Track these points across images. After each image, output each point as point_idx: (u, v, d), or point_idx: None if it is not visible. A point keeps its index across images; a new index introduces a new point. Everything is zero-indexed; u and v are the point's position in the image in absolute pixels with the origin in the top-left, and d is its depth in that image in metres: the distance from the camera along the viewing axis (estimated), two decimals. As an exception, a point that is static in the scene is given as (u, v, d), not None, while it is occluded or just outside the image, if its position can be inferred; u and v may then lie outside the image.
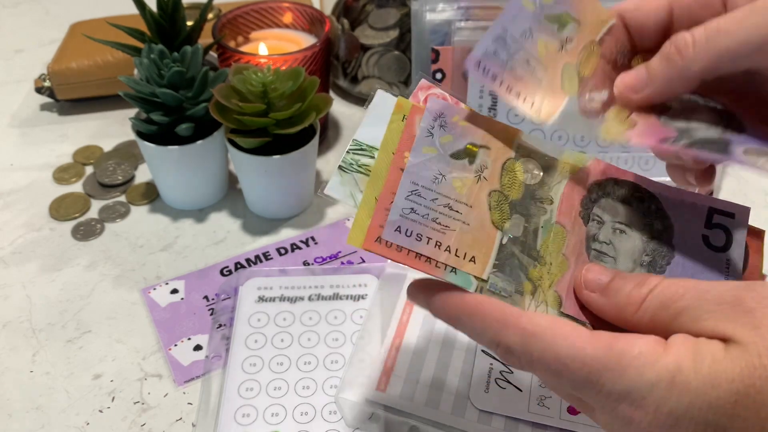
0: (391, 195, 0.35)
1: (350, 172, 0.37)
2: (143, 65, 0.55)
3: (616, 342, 0.29)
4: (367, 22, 0.69)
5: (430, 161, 0.36)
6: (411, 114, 0.38)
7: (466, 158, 0.36)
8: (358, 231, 0.36)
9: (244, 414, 0.45)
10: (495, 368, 0.46)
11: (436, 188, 0.36)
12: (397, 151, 0.37)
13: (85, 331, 0.51)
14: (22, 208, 0.62)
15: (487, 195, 0.36)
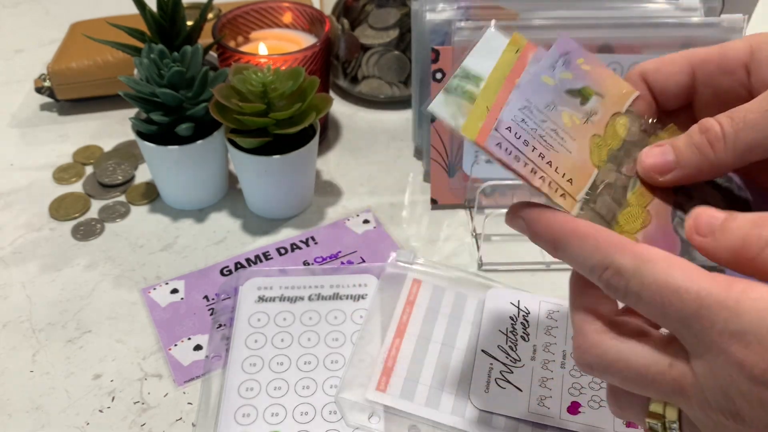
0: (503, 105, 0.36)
1: (454, 95, 0.37)
2: (143, 65, 0.55)
3: (735, 283, 0.27)
4: (367, 22, 0.69)
5: (546, 89, 0.37)
6: (525, 49, 0.38)
7: (579, 98, 0.37)
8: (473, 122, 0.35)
9: (245, 414, 0.45)
10: (495, 368, 0.47)
11: (547, 113, 0.36)
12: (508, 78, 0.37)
13: (85, 331, 0.51)
14: (22, 208, 0.62)
15: (590, 137, 0.36)
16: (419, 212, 0.61)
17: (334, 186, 0.64)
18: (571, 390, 0.46)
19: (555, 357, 0.47)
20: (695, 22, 0.57)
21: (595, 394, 0.45)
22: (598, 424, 0.44)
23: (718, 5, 0.59)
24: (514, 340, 0.48)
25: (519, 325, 0.49)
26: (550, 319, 0.50)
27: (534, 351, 0.48)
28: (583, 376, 0.46)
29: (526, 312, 0.50)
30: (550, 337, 0.49)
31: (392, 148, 0.68)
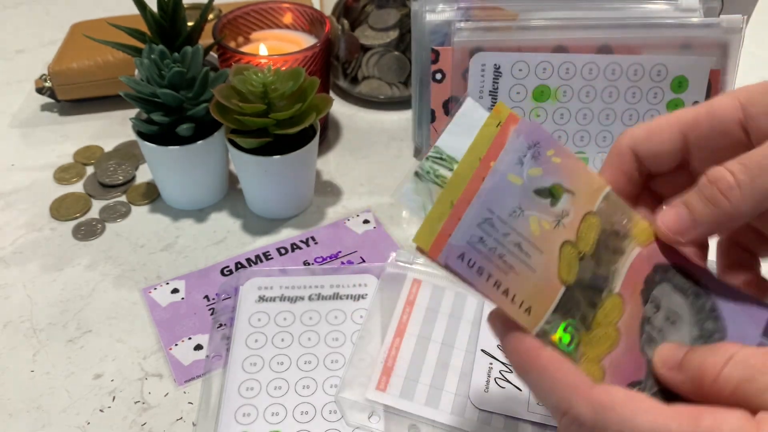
0: (467, 205, 0.33)
1: (426, 180, 0.34)
2: (144, 65, 0.55)
3: (701, 417, 0.27)
4: (367, 22, 0.69)
5: (513, 191, 0.33)
6: (507, 122, 0.35)
7: (549, 198, 0.34)
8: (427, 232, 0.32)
9: (245, 413, 0.45)
10: (494, 368, 0.47)
11: (511, 222, 0.33)
12: (484, 158, 0.34)
13: (86, 330, 0.51)
14: (23, 208, 0.62)
15: (561, 245, 0.33)
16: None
17: (334, 186, 0.64)
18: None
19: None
20: (694, 22, 0.57)
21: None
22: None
23: (718, 6, 0.59)
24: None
25: None
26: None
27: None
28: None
29: None
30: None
31: (392, 148, 0.68)
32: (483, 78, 0.57)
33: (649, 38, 0.56)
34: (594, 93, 0.57)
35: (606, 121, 0.58)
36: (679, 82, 0.57)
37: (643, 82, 0.57)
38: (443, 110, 0.59)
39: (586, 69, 0.57)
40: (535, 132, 0.35)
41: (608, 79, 0.57)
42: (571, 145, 0.59)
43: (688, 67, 0.57)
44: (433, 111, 0.58)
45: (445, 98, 0.58)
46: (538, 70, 0.57)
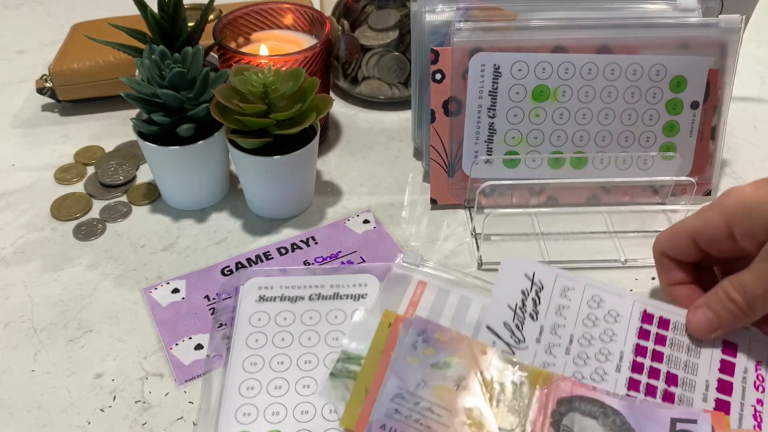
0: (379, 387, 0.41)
1: (341, 377, 0.43)
2: (144, 66, 0.56)
3: None
4: (367, 23, 0.70)
5: (413, 369, 0.42)
6: (395, 322, 0.45)
7: (445, 369, 0.42)
8: (350, 416, 0.40)
9: (245, 413, 0.45)
10: (497, 347, 0.46)
11: (419, 392, 0.41)
12: (385, 350, 0.43)
13: (87, 330, 0.52)
14: (24, 208, 0.62)
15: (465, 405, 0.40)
16: (419, 212, 0.61)
17: (334, 186, 0.64)
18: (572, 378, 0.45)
19: (561, 341, 0.46)
20: (693, 22, 0.57)
21: (595, 386, 0.44)
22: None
23: (717, 6, 0.59)
24: (522, 318, 0.46)
25: (530, 302, 0.47)
26: (564, 297, 0.48)
27: (540, 332, 0.46)
28: (586, 365, 0.45)
29: (539, 287, 0.48)
30: (559, 318, 0.47)
31: (392, 149, 0.69)
32: (482, 78, 0.57)
33: (648, 38, 0.57)
34: (593, 93, 0.58)
35: (605, 121, 0.58)
36: (678, 81, 0.57)
37: (642, 82, 0.57)
38: (443, 110, 0.59)
39: (585, 69, 0.57)
40: (421, 323, 0.45)
41: (607, 79, 0.57)
42: (571, 144, 0.59)
43: (687, 66, 0.57)
44: (433, 111, 0.59)
45: (445, 98, 0.58)
46: (538, 70, 0.57)
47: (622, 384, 0.44)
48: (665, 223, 0.60)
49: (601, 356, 0.45)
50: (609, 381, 0.44)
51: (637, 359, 0.45)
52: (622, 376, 0.44)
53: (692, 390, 0.44)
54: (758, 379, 0.44)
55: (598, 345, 0.46)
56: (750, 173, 0.65)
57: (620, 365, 0.45)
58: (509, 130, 0.59)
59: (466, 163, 0.60)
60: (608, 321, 0.47)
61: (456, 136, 0.59)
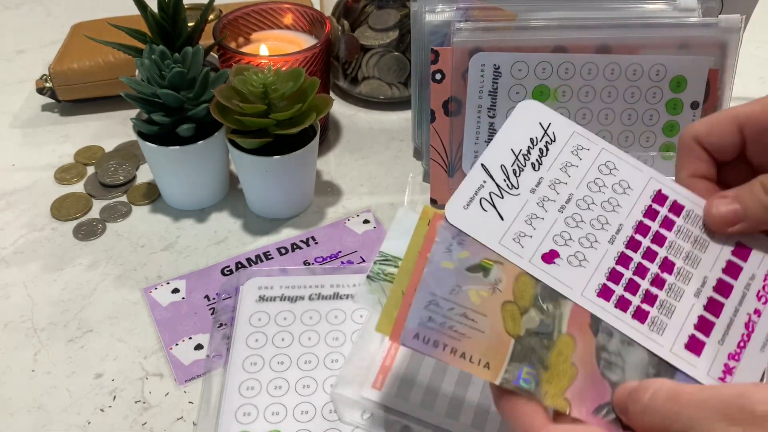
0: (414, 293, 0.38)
1: (377, 280, 0.40)
2: (144, 66, 0.56)
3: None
4: (367, 23, 0.70)
5: (448, 274, 0.39)
6: (434, 220, 0.41)
7: (481, 272, 0.39)
8: (385, 320, 0.38)
9: (245, 413, 0.45)
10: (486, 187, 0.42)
11: (453, 299, 0.38)
12: (421, 252, 0.40)
13: (87, 330, 0.52)
14: (24, 208, 0.62)
15: (501, 305, 0.38)
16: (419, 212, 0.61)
17: (334, 186, 0.64)
18: (557, 238, 0.40)
19: (557, 197, 0.41)
20: (693, 22, 0.57)
21: (580, 251, 0.39)
22: (567, 281, 0.39)
23: (717, 5, 0.59)
24: (522, 165, 0.42)
25: (536, 151, 0.42)
26: (575, 155, 0.42)
27: (538, 183, 0.41)
28: (578, 227, 0.40)
29: (551, 139, 0.43)
30: (563, 175, 0.42)
31: (392, 148, 0.69)
32: (482, 78, 0.57)
33: (647, 38, 0.57)
34: (593, 93, 0.58)
35: (605, 121, 0.58)
36: (678, 81, 0.57)
37: (642, 81, 0.57)
38: (443, 110, 0.59)
39: (585, 69, 0.57)
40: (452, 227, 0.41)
41: (607, 78, 0.57)
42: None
43: (687, 66, 0.57)
44: (433, 111, 0.59)
45: (444, 98, 0.58)
46: (538, 70, 0.57)
47: (610, 257, 0.39)
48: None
49: (597, 223, 0.40)
50: (598, 250, 0.40)
51: (636, 236, 0.40)
52: (613, 249, 0.40)
53: (686, 282, 0.39)
54: (764, 289, 0.40)
55: (597, 211, 0.41)
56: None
57: (615, 237, 0.40)
58: (509, 130, 0.58)
59: (466, 163, 0.60)
60: (616, 190, 0.42)
61: (456, 136, 0.59)
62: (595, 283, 0.39)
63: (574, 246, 0.40)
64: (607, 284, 0.39)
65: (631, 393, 0.34)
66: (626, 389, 0.35)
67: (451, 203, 0.40)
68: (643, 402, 0.33)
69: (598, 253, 0.40)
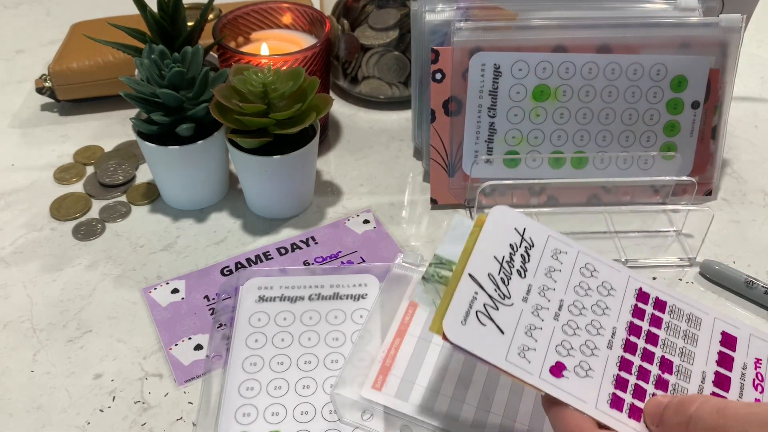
0: None
1: (432, 282, 0.42)
2: (144, 65, 0.55)
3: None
4: (367, 22, 0.69)
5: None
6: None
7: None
8: (439, 321, 0.39)
9: (245, 413, 0.45)
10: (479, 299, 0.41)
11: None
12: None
13: (86, 330, 0.51)
14: (23, 208, 0.62)
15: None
16: (419, 212, 0.61)
17: (334, 186, 0.64)
18: (559, 348, 0.40)
19: (550, 305, 0.41)
20: (694, 21, 0.57)
21: (584, 360, 0.40)
22: (580, 395, 0.38)
23: (717, 5, 0.59)
24: (509, 273, 0.42)
25: (518, 257, 0.43)
26: (555, 259, 0.44)
27: (528, 291, 0.42)
28: (576, 335, 0.41)
29: (530, 244, 0.43)
30: (549, 281, 0.42)
31: (392, 148, 0.68)
32: (483, 78, 0.57)
33: (648, 38, 0.56)
34: (594, 92, 0.57)
35: (606, 121, 0.58)
36: (679, 81, 0.57)
37: (642, 81, 0.57)
38: (443, 110, 0.59)
39: (585, 68, 0.57)
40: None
41: (608, 78, 0.57)
42: (571, 144, 0.59)
43: (688, 66, 0.57)
44: (433, 111, 0.59)
45: (445, 98, 0.58)
46: (538, 69, 0.57)
47: (613, 363, 0.40)
48: (666, 223, 0.60)
49: (592, 329, 0.41)
50: (600, 357, 0.40)
51: (631, 338, 0.41)
52: (613, 354, 0.41)
53: (687, 380, 0.41)
54: (757, 377, 0.42)
55: (590, 316, 0.42)
56: (751, 173, 0.65)
57: (612, 342, 0.41)
58: (510, 129, 0.58)
59: (467, 162, 0.60)
60: (601, 293, 0.43)
61: (456, 135, 0.59)
62: (605, 394, 0.39)
63: (577, 355, 0.40)
64: (616, 393, 0.39)
65: (675, 405, 0.35)
66: (660, 403, 0.36)
67: (448, 320, 0.39)
68: (688, 413, 0.34)
69: (600, 360, 0.40)
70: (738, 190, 0.63)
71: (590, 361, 0.40)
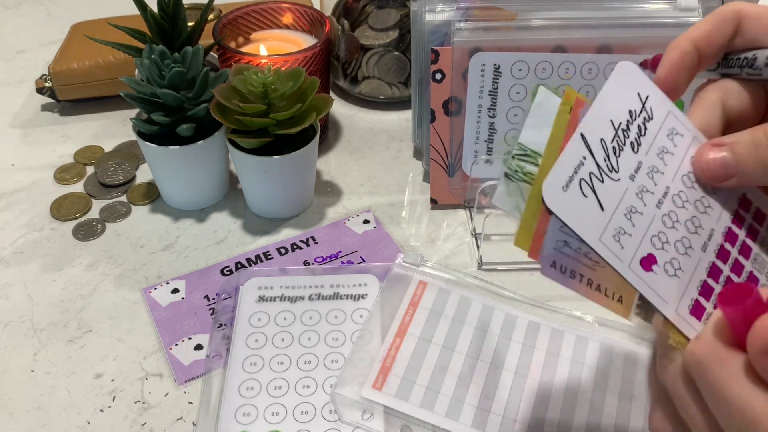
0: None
1: (515, 180, 0.35)
2: (144, 66, 0.55)
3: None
4: (367, 22, 0.70)
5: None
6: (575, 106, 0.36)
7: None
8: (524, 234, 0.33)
9: (245, 413, 0.45)
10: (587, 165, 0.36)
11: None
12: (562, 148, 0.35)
13: (86, 330, 0.52)
14: (24, 208, 0.62)
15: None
16: (419, 212, 0.61)
17: (334, 186, 0.64)
18: (655, 239, 0.36)
19: (656, 189, 0.37)
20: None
21: (676, 258, 0.37)
22: (664, 294, 0.35)
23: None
24: (622, 143, 0.37)
25: (635, 127, 0.38)
26: (670, 140, 0.39)
27: (637, 169, 0.37)
28: (674, 228, 0.37)
29: (649, 116, 0.39)
30: (660, 162, 0.38)
31: (392, 148, 0.68)
32: (483, 78, 0.57)
33: (648, 38, 0.56)
34: (594, 93, 0.57)
35: (606, 121, 0.58)
36: (679, 81, 0.57)
37: (642, 81, 0.57)
38: (443, 110, 0.59)
39: (585, 69, 0.57)
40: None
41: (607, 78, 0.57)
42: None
43: (688, 66, 0.57)
44: (433, 111, 0.59)
45: (445, 98, 0.58)
46: (538, 69, 0.57)
47: (703, 268, 0.37)
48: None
49: (691, 225, 0.37)
50: (693, 258, 0.37)
51: (725, 245, 0.38)
52: (705, 258, 0.37)
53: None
54: None
55: (692, 211, 0.38)
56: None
57: (707, 244, 0.37)
58: (509, 130, 0.58)
59: (466, 162, 0.60)
60: (707, 190, 0.38)
61: (456, 136, 0.59)
62: (688, 299, 0.36)
63: (671, 251, 0.36)
64: (699, 300, 0.36)
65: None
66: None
67: (549, 182, 0.34)
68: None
69: (692, 261, 0.37)
70: (738, 190, 0.63)
71: (682, 260, 0.37)
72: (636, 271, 0.35)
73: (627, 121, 0.37)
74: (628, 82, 0.38)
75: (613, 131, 0.37)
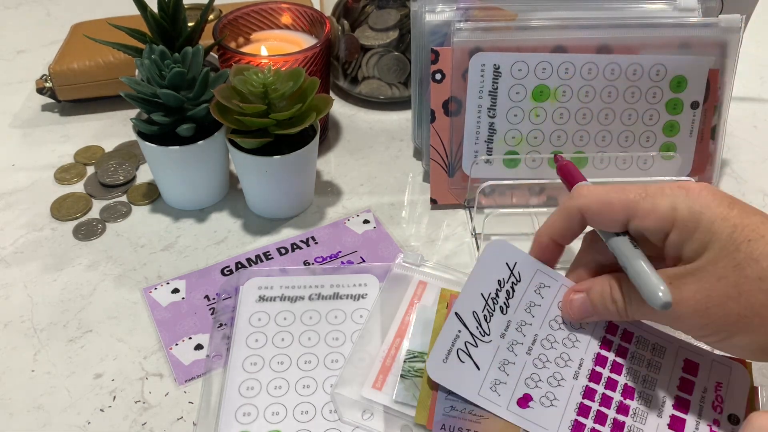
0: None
1: (410, 377, 0.44)
2: (144, 66, 0.55)
3: None
4: (367, 23, 0.70)
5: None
6: (451, 300, 0.45)
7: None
8: (422, 412, 0.42)
9: (245, 413, 0.45)
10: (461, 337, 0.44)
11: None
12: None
13: (87, 330, 0.52)
14: (24, 208, 0.62)
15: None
16: (419, 212, 0.61)
17: (334, 186, 0.64)
18: (528, 381, 0.43)
19: (525, 340, 0.44)
20: (693, 22, 0.57)
21: (550, 391, 0.43)
22: (543, 423, 0.42)
23: (717, 5, 0.59)
24: (492, 310, 0.45)
25: (503, 293, 0.45)
26: (537, 294, 0.46)
27: (506, 327, 0.44)
28: (545, 368, 0.44)
29: (516, 279, 0.46)
30: (527, 316, 0.45)
31: (392, 148, 0.69)
32: (482, 78, 0.57)
33: (648, 38, 0.57)
34: (593, 93, 0.58)
35: (605, 121, 0.58)
36: (678, 81, 0.57)
37: (642, 81, 0.57)
38: (443, 110, 0.59)
39: (585, 69, 0.57)
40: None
41: (607, 78, 0.57)
42: (571, 144, 0.59)
43: (687, 66, 0.57)
44: (433, 111, 0.59)
45: (445, 98, 0.58)
46: (538, 70, 0.57)
47: (577, 392, 0.43)
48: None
49: (561, 361, 0.44)
50: (565, 387, 0.43)
51: (596, 368, 0.44)
52: (578, 384, 0.43)
53: (648, 405, 0.43)
54: (717, 399, 0.43)
55: (560, 349, 0.44)
56: (750, 173, 0.65)
57: (578, 372, 0.44)
58: (509, 130, 0.59)
59: (466, 163, 0.60)
60: (574, 326, 0.45)
61: (456, 136, 0.59)
62: (567, 420, 0.42)
63: (544, 387, 0.43)
64: (578, 419, 0.42)
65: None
66: None
67: (432, 358, 0.43)
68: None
69: (566, 390, 0.43)
70: (737, 190, 0.63)
71: (555, 391, 0.43)
72: (514, 411, 0.42)
73: (496, 290, 0.45)
74: (497, 256, 0.46)
75: (483, 302, 0.45)
